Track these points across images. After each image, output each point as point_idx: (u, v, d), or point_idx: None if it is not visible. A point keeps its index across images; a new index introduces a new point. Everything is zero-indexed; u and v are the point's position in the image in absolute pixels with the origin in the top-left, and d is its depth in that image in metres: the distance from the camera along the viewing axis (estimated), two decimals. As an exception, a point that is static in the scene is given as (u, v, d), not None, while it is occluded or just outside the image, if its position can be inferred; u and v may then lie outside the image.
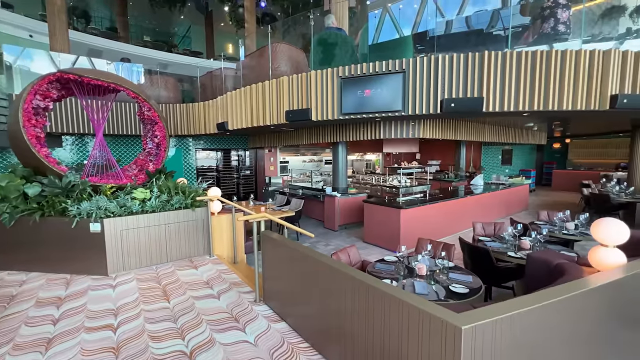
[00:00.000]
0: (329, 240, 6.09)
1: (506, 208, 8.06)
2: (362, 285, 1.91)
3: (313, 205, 7.83)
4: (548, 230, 3.89)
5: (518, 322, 1.52)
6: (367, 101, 4.81)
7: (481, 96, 4.41)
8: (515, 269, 3.19)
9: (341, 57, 7.06)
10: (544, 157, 14.89)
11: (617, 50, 4.51)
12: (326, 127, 6.74)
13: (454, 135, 6.53)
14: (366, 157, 13.14)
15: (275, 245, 2.95)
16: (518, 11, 6.62)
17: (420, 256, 2.83)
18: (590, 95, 4.44)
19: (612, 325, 2.01)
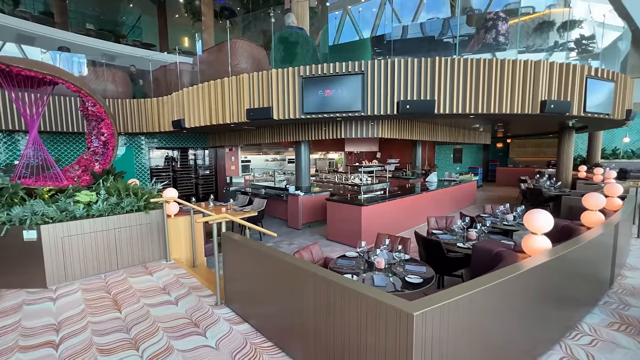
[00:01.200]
0: (293, 239, 6.10)
1: (457, 203, 8.71)
2: (324, 281, 1.96)
3: (276, 205, 7.77)
4: (491, 222, 4.29)
5: (462, 305, 1.68)
6: (328, 101, 4.90)
7: (433, 99, 4.72)
8: (463, 259, 3.48)
9: (303, 56, 7.07)
10: (489, 155, 16.30)
11: (546, 61, 5.10)
12: (288, 126, 6.73)
13: (410, 135, 6.90)
14: (329, 156, 13.33)
15: (237, 247, 2.90)
16: (465, 21, 7.18)
17: (379, 250, 2.97)
18: (525, 100, 4.98)
19: (540, 302, 2.30)
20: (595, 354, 2.33)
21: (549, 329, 2.48)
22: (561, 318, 2.62)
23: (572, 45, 8.86)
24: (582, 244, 2.62)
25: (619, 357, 2.29)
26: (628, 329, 2.67)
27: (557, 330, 2.56)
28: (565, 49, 8.49)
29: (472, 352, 1.79)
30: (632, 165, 11.41)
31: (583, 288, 2.91)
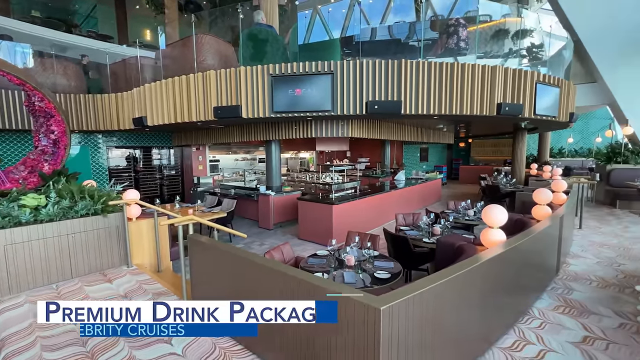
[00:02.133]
0: (264, 240, 6.02)
1: (424, 200, 9.10)
2: (294, 280, 1.96)
3: (247, 205, 7.62)
4: (454, 218, 4.53)
5: (426, 297, 1.76)
6: (298, 100, 4.88)
7: (400, 100, 4.89)
8: (429, 253, 3.64)
9: (273, 54, 6.98)
10: (453, 154, 17.19)
11: (501, 67, 5.48)
12: (258, 125, 6.62)
13: (379, 135, 7.09)
14: (300, 155, 13.32)
15: (204, 249, 2.81)
16: (429, 26, 7.51)
17: (349, 248, 3.03)
18: (483, 102, 5.31)
19: (497, 290, 2.47)
20: (543, 336, 2.55)
21: (504, 315, 2.68)
22: (515, 304, 2.84)
23: (524, 53, 9.58)
24: (532, 236, 2.85)
25: (564, 337, 2.53)
26: (571, 311, 2.95)
27: (511, 316, 2.77)
28: (518, 56, 9.17)
29: (435, 341, 1.88)
30: (575, 163, 12.63)
31: (533, 276, 3.17)
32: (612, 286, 3.47)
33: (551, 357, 2.29)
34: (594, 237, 5.35)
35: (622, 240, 5.18)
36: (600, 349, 2.38)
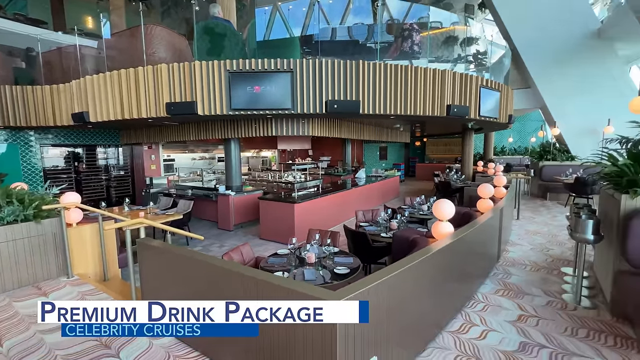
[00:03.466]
0: (224, 241, 5.83)
1: (383, 196, 9.46)
2: (252, 281, 1.93)
3: (205, 206, 7.31)
4: (409, 213, 4.78)
5: (380, 289, 1.84)
6: (257, 98, 4.79)
7: (358, 99, 5.02)
8: (386, 247, 3.79)
9: (231, 50, 6.76)
10: (410, 153, 18.10)
11: (450, 71, 5.88)
12: (216, 123, 6.37)
13: (340, 133, 7.22)
14: (262, 154, 13.08)
15: (157, 253, 2.65)
16: (386, 29, 7.81)
17: (309, 246, 3.05)
18: (435, 104, 5.66)
19: (446, 278, 2.66)
20: (486, 317, 2.80)
21: (453, 301, 2.90)
22: (462, 290, 3.09)
23: (471, 59, 10.35)
24: (476, 227, 3.11)
25: (502, 317, 2.81)
26: (509, 293, 3.28)
27: (459, 301, 3.00)
28: (466, 62, 9.88)
29: (391, 331, 1.97)
30: (515, 160, 14.00)
31: (478, 263, 3.46)
32: (542, 269, 3.92)
33: (492, 336, 2.53)
34: (529, 226, 5.99)
35: (551, 228, 5.87)
36: (532, 325, 2.68)
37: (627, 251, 2.55)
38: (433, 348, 2.38)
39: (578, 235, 2.97)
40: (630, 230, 2.53)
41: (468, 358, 2.27)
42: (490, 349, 2.37)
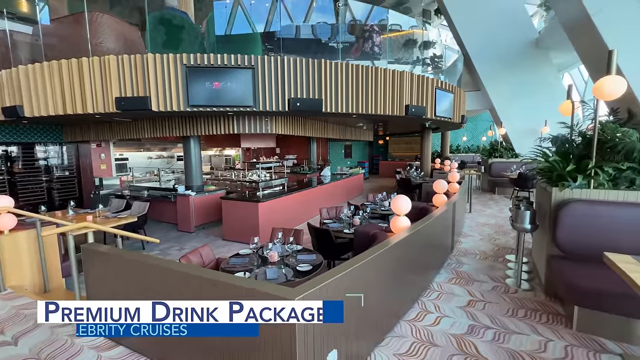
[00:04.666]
0: (184, 244, 5.57)
1: (348, 194, 9.66)
2: (210, 282, 1.87)
3: (163, 207, 6.94)
4: (371, 209, 4.94)
5: (340, 283, 1.89)
6: (217, 94, 4.63)
7: (321, 98, 5.07)
8: (349, 243, 3.89)
9: (190, 43, 6.46)
10: (374, 151, 18.65)
11: (408, 72, 6.15)
12: (173, 119, 6.05)
13: (304, 132, 7.23)
14: (226, 152, 12.69)
15: (105, 260, 2.46)
16: (348, 30, 7.95)
17: (271, 244, 3.02)
18: (394, 104, 5.89)
19: (404, 270, 2.79)
20: (440, 305, 2.99)
21: (411, 291, 3.05)
22: (419, 281, 3.26)
23: (428, 62, 10.89)
24: (431, 220, 3.30)
25: (454, 304, 3.02)
26: (461, 281, 3.53)
27: (416, 291, 3.16)
28: (424, 64, 10.38)
29: (351, 323, 2.02)
30: (468, 158, 15.05)
31: (434, 254, 3.68)
32: (490, 257, 4.28)
33: (445, 321, 2.71)
34: (480, 219, 6.48)
35: (499, 219, 6.41)
36: (479, 309, 2.91)
37: (556, 237, 2.88)
38: (391, 337, 2.49)
39: (518, 225, 3.29)
40: (559, 219, 2.86)
41: (422, 344, 2.41)
42: (442, 333, 2.54)
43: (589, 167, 2.81)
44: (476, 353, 2.30)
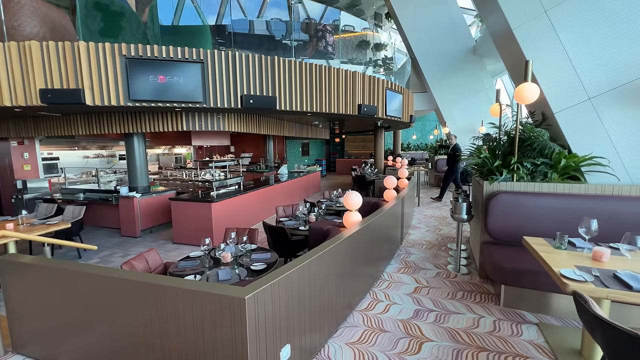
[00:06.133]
0: (129, 250, 5.16)
1: (305, 191, 9.72)
2: (154, 288, 1.78)
3: (103, 211, 6.34)
4: (326, 206, 5.04)
5: (292, 278, 1.92)
6: (163, 88, 4.34)
7: (275, 95, 5.03)
8: (305, 240, 3.94)
9: (131, 32, 5.95)
10: (331, 149, 18.98)
11: (360, 73, 6.37)
12: (113, 115, 5.54)
13: (259, 129, 7.11)
14: (176, 150, 11.95)
15: (28, 272, 2.20)
16: (302, 28, 7.97)
17: (224, 245, 2.95)
18: (348, 103, 6.07)
19: (356, 262, 2.92)
20: (389, 293, 3.18)
21: (364, 282, 3.20)
22: (371, 272, 3.43)
23: (380, 63, 11.35)
24: (381, 214, 3.49)
25: (403, 291, 3.23)
26: (409, 270, 3.79)
27: (368, 282, 3.33)
28: (376, 65, 10.79)
29: (304, 317, 2.07)
30: (418, 155, 16.05)
31: (385, 247, 3.89)
32: (435, 247, 4.64)
33: (393, 308, 2.89)
34: (427, 212, 6.99)
35: (443, 212, 6.97)
36: (424, 294, 3.16)
37: (487, 225, 3.23)
38: (344, 327, 2.60)
39: (456, 216, 3.62)
40: (489, 209, 3.21)
41: (373, 331, 2.55)
42: (391, 319, 2.71)
43: (512, 163, 3.20)
44: (420, 335, 2.50)
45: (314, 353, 2.27)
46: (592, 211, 2.81)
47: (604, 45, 3.08)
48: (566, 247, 2.33)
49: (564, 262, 2.10)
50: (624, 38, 3.02)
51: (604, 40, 3.08)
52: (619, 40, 3.04)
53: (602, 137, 3.16)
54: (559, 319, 2.68)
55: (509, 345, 2.35)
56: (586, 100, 3.18)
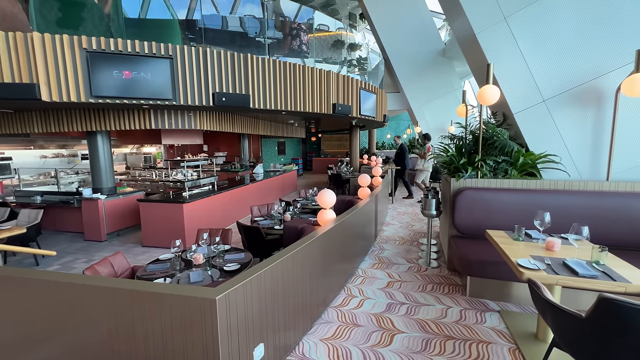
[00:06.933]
0: (93, 255, 4.88)
1: (281, 191, 9.67)
2: (120, 293, 1.71)
3: (64, 214, 5.94)
4: (301, 204, 5.05)
5: (266, 277, 1.92)
6: (128, 84, 4.14)
7: (248, 94, 4.96)
8: (279, 239, 3.93)
9: (93, 24, 5.62)
10: (307, 147, 18.99)
11: (334, 72, 6.43)
12: (74, 112, 5.20)
13: (232, 128, 6.97)
14: (145, 149, 11.43)
15: (-24, 281, 2.02)
16: (277, 26, 7.90)
17: (195, 246, 2.88)
18: (323, 102, 6.11)
19: (331, 259, 2.96)
20: (363, 289, 3.26)
21: (338, 279, 3.25)
22: (346, 269, 3.49)
23: (355, 63, 11.50)
24: (355, 212, 3.56)
25: (376, 286, 3.32)
26: (382, 265, 3.90)
27: (343, 279, 3.38)
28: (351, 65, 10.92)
29: (278, 316, 2.08)
30: (392, 154, 16.45)
31: (359, 243, 3.97)
32: (407, 242, 4.81)
33: (367, 303, 2.97)
34: (400, 208, 7.20)
35: (415, 208, 7.21)
36: (397, 288, 3.27)
37: (454, 220, 3.40)
38: (319, 324, 2.63)
39: (426, 212, 3.77)
40: (456, 205, 3.38)
41: (347, 326, 2.61)
42: (364, 314, 2.78)
43: (476, 161, 3.38)
44: (392, 327, 2.59)
45: (288, 350, 2.28)
46: (546, 205, 3.04)
47: (556, 52, 3.34)
48: (523, 239, 2.51)
49: (521, 252, 2.26)
50: (572, 47, 3.28)
51: (555, 48, 3.34)
52: (568, 49, 3.30)
53: (555, 137, 3.42)
54: (518, 306, 2.88)
55: (474, 333, 2.49)
56: (541, 102, 3.43)
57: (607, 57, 3.18)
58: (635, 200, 2.95)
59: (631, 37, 3.07)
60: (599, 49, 3.19)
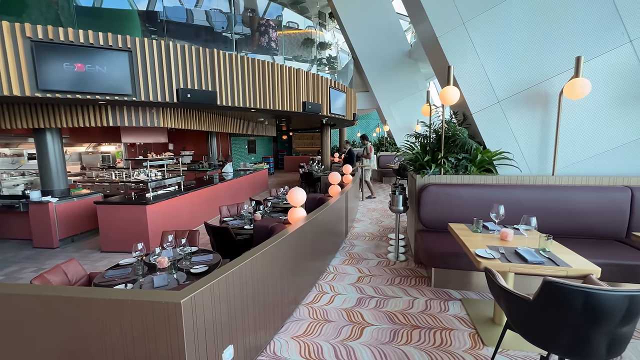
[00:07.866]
0: (44, 263, 4.48)
1: (252, 190, 9.50)
2: (72, 302, 1.59)
3: (8, 220, 5.40)
4: (272, 203, 5.01)
5: (233, 278, 1.88)
6: (81, 78, 3.84)
7: (215, 90, 4.81)
8: (250, 239, 3.86)
9: (40, 10, 5.11)
10: (278, 146, 18.80)
11: (305, 71, 6.42)
12: (17, 107, 4.72)
13: (199, 125, 6.73)
14: (102, 148, 10.67)
15: None
16: (244, 21, 7.71)
17: (159, 249, 2.76)
18: (292, 100, 6.08)
19: (301, 257, 2.96)
20: (334, 285, 3.31)
21: (309, 277, 3.27)
22: (318, 266, 3.52)
23: (325, 62, 11.55)
24: (326, 209, 3.59)
25: (346, 282, 3.39)
26: (352, 261, 3.98)
27: (314, 276, 3.41)
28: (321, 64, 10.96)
29: (247, 316, 2.05)
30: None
31: (330, 240, 4.02)
32: (377, 237, 4.94)
33: (338, 299, 3.02)
34: (370, 205, 7.38)
35: (384, 205, 7.43)
36: (367, 283, 3.36)
37: (420, 215, 3.55)
38: (290, 322, 2.63)
39: (394, 208, 3.90)
40: (421, 200, 3.53)
41: (318, 322, 2.63)
42: (335, 309, 2.83)
43: (439, 158, 3.56)
44: (362, 320, 2.66)
45: (259, 350, 2.26)
46: (501, 198, 3.28)
47: (508, 57, 3.60)
48: (481, 231, 2.69)
49: (479, 243, 2.42)
50: (523, 52, 3.56)
51: (508, 53, 3.59)
52: (519, 54, 3.57)
53: (509, 135, 3.69)
54: (478, 293, 3.08)
55: (438, 321, 2.63)
56: (496, 103, 3.68)
57: (552, 63, 3.48)
58: (575, 193, 3.27)
59: (572, 45, 3.39)
60: (545, 55, 3.49)
